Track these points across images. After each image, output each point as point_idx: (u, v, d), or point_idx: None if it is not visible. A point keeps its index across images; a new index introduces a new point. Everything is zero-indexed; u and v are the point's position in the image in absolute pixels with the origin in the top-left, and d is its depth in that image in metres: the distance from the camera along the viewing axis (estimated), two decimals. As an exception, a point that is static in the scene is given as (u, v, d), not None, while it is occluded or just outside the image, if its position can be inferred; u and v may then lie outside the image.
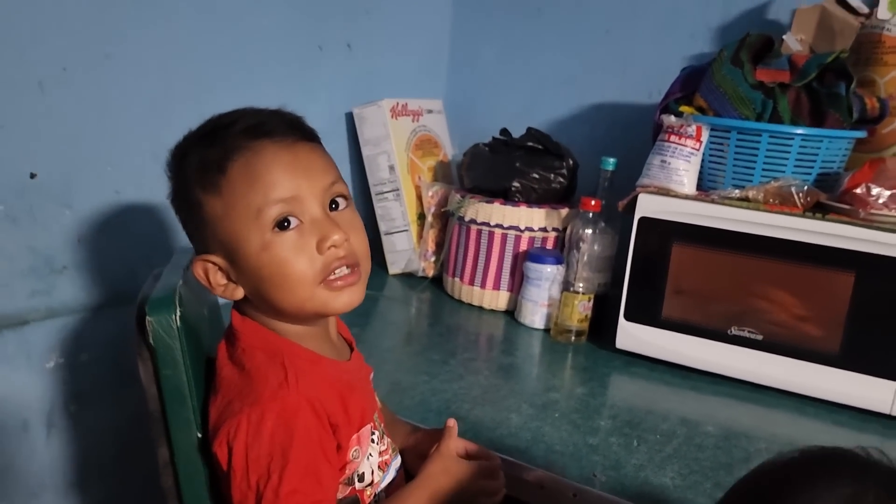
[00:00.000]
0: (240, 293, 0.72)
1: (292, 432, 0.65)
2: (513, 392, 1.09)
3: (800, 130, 1.12)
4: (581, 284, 1.29)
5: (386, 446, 0.78)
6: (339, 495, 0.72)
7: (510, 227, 1.39)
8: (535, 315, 1.35)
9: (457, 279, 1.47)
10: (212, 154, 0.68)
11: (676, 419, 1.04)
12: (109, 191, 1.17)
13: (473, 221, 1.42)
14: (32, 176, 1.07)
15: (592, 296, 1.31)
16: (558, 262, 1.33)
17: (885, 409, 1.07)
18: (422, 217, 1.57)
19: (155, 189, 0.92)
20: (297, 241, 0.69)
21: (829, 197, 1.11)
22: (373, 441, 0.75)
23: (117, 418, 1.23)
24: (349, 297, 0.72)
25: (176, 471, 0.69)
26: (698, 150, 1.18)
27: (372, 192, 1.59)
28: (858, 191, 1.06)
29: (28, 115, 1.04)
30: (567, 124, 1.70)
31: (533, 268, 1.34)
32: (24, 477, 1.15)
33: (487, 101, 1.82)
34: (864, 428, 1.06)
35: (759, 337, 1.14)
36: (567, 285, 1.30)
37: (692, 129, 1.17)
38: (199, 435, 0.68)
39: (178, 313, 0.67)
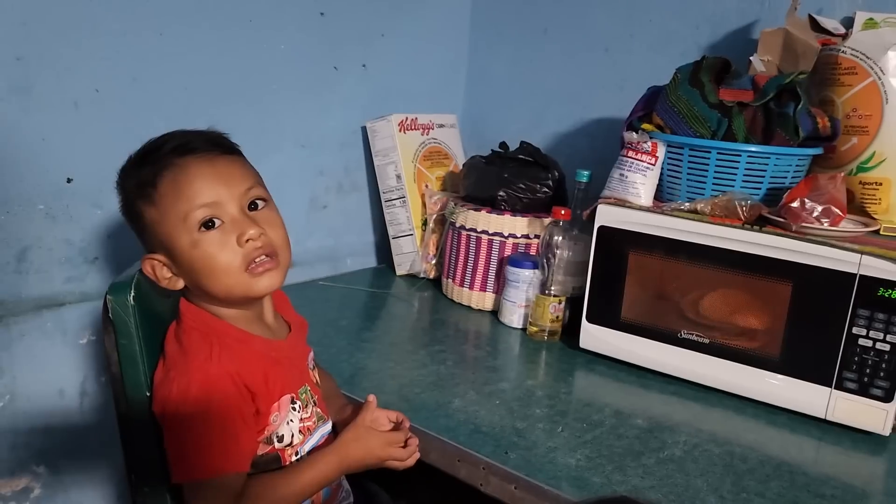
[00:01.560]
0: (180, 284, 0.88)
1: (211, 397, 0.81)
2: (465, 381, 1.20)
3: (746, 147, 1.19)
4: (554, 288, 1.40)
5: (310, 414, 0.92)
6: (260, 452, 0.86)
7: (495, 234, 1.50)
8: (513, 315, 1.46)
9: (450, 280, 1.60)
10: (146, 172, 0.85)
11: (611, 411, 1.13)
12: (135, 194, 1.36)
13: (464, 227, 1.54)
14: (69, 181, 1.27)
15: (565, 298, 1.40)
16: (535, 266, 1.43)
17: (820, 414, 1.13)
18: (426, 223, 1.70)
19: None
20: (221, 238, 0.84)
21: (770, 211, 1.17)
22: (294, 409, 0.89)
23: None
24: (268, 281, 0.86)
25: (130, 423, 0.86)
26: (654, 164, 1.26)
27: (382, 198, 1.74)
28: (794, 205, 1.12)
29: (65, 129, 1.24)
30: (570, 137, 1.80)
31: (512, 271, 1.45)
32: (60, 437, 1.36)
33: (499, 115, 1.94)
34: (799, 430, 1.12)
35: (706, 341, 1.21)
36: (542, 288, 1.41)
37: (648, 146, 1.26)
38: (148, 394, 0.85)
39: (133, 294, 0.84)
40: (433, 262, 1.69)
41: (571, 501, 0.88)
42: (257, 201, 0.88)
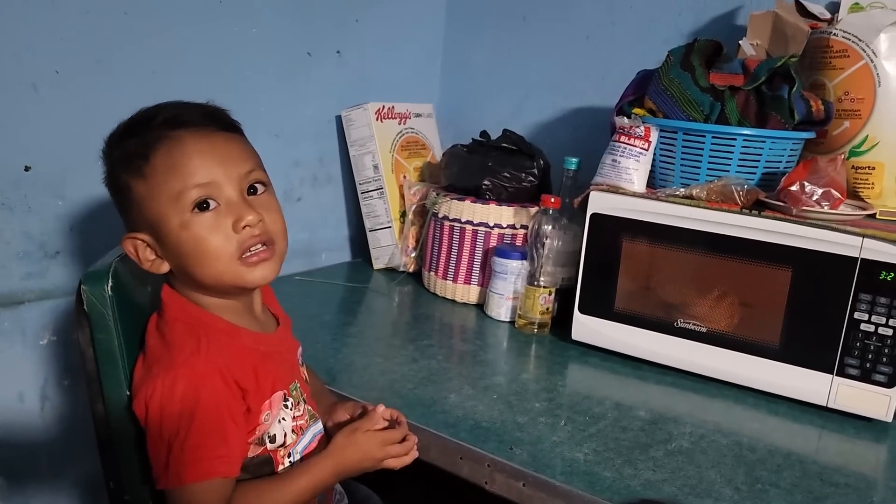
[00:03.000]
0: (165, 267, 0.80)
1: (200, 395, 0.73)
2: (459, 375, 1.15)
3: (741, 131, 1.16)
4: (544, 279, 1.35)
5: (302, 412, 0.86)
6: (251, 454, 0.80)
7: (480, 224, 1.46)
8: (501, 308, 1.42)
9: (432, 273, 1.55)
10: (136, 143, 0.77)
11: (611, 404, 1.09)
12: (100, 184, 1.25)
13: (446, 218, 1.49)
14: (27, 169, 1.18)
15: (554, 289, 1.36)
16: (523, 257, 1.39)
17: (821, 402, 1.11)
18: (405, 215, 1.65)
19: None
20: (214, 221, 0.77)
21: (768, 195, 1.15)
22: (286, 406, 0.83)
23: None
24: (262, 272, 0.80)
25: (109, 425, 0.78)
26: (647, 149, 1.23)
27: (358, 190, 1.68)
28: (793, 188, 1.10)
29: (22, 113, 1.16)
30: (551, 127, 1.76)
31: (499, 262, 1.40)
32: (19, 445, 1.26)
33: (478, 105, 1.89)
34: (801, 418, 1.10)
35: (703, 329, 1.18)
36: (531, 279, 1.36)
37: (641, 130, 1.22)
38: (129, 393, 0.77)
39: (111, 284, 0.76)
40: (413, 255, 1.64)
41: (585, 498, 0.84)
42: (257, 185, 0.81)
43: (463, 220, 1.47)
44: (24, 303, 1.22)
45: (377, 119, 1.63)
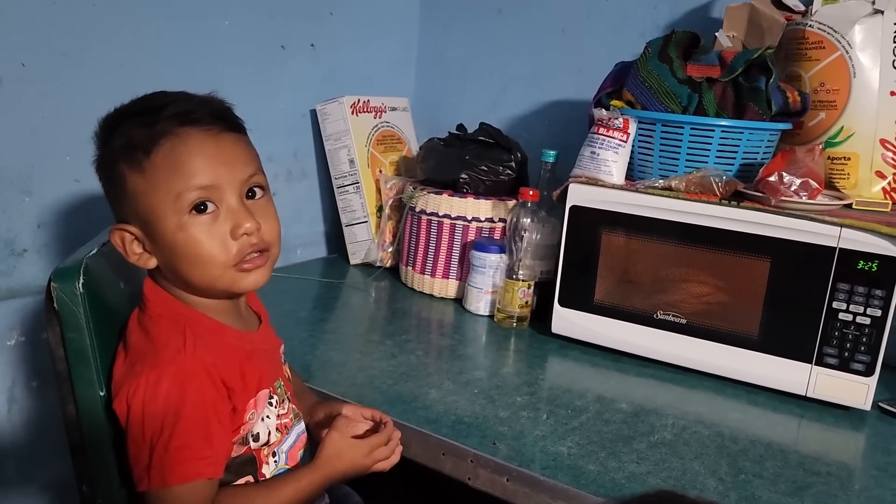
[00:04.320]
0: (153, 263, 0.78)
1: (185, 393, 0.71)
2: (439, 370, 1.14)
3: (719, 122, 1.16)
4: (522, 272, 1.35)
5: (286, 411, 0.84)
6: (234, 454, 0.77)
7: (458, 218, 1.44)
8: (479, 302, 1.41)
9: (409, 268, 1.53)
10: (140, 134, 0.74)
11: (593, 397, 1.09)
12: (69, 179, 1.24)
13: (424, 212, 1.47)
14: (-8, 164, 1.14)
15: (533, 283, 1.36)
16: (502, 250, 1.38)
17: (800, 391, 1.11)
18: (381, 209, 1.63)
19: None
20: (212, 225, 0.75)
21: (746, 186, 1.15)
22: (270, 404, 0.81)
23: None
24: (255, 278, 0.78)
25: (81, 427, 0.75)
26: (626, 141, 1.22)
27: (334, 184, 1.66)
28: (771, 179, 1.10)
29: (-15, 107, 1.12)
30: (528, 120, 1.76)
31: (478, 256, 1.39)
32: (-14, 448, 1.23)
33: (454, 99, 1.87)
34: (780, 408, 1.10)
35: (683, 321, 1.18)
36: (509, 273, 1.35)
37: (619, 122, 1.22)
38: (102, 393, 0.75)
39: (82, 281, 0.74)
40: (390, 249, 1.62)
41: (570, 492, 0.83)
42: (256, 189, 0.79)
43: (440, 214, 1.45)
44: (-10, 302, 1.18)
45: (352, 113, 1.61)
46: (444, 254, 1.47)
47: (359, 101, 1.63)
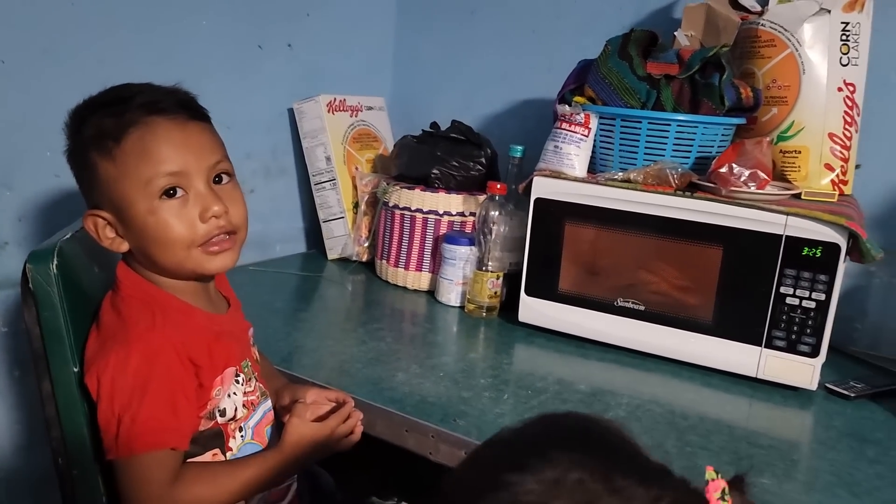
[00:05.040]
0: (125, 247, 0.82)
1: (153, 368, 0.76)
2: (407, 356, 1.19)
3: (676, 117, 1.22)
4: (492, 263, 1.39)
5: (253, 388, 0.89)
6: (202, 428, 0.82)
7: (430, 212, 1.49)
8: (451, 293, 1.45)
9: (384, 261, 1.58)
10: (109, 124, 0.78)
11: (554, 379, 1.13)
12: (49, 174, 1.28)
13: (397, 206, 1.52)
14: (-28, 159, 1.18)
15: (502, 274, 1.40)
16: (472, 243, 1.42)
17: (751, 373, 1.16)
18: (357, 205, 1.67)
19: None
20: (181, 209, 0.79)
21: (700, 178, 1.20)
22: (237, 382, 0.86)
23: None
24: (223, 261, 0.83)
25: (56, 402, 0.80)
26: (587, 136, 1.27)
27: (311, 181, 1.70)
28: (722, 170, 1.15)
29: (-34, 103, 1.16)
30: (500, 117, 1.81)
31: (449, 248, 1.44)
32: (-31, 436, 1.26)
33: (429, 98, 1.92)
34: (732, 389, 1.15)
35: (642, 308, 1.23)
36: (479, 264, 1.40)
37: (581, 117, 1.27)
38: (76, 370, 0.79)
39: (56, 263, 0.78)
40: (366, 244, 1.66)
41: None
42: (223, 175, 0.84)
43: (413, 209, 1.50)
44: (-28, 293, 1.22)
45: (329, 111, 1.65)
46: (417, 247, 1.51)
47: (335, 99, 1.68)
